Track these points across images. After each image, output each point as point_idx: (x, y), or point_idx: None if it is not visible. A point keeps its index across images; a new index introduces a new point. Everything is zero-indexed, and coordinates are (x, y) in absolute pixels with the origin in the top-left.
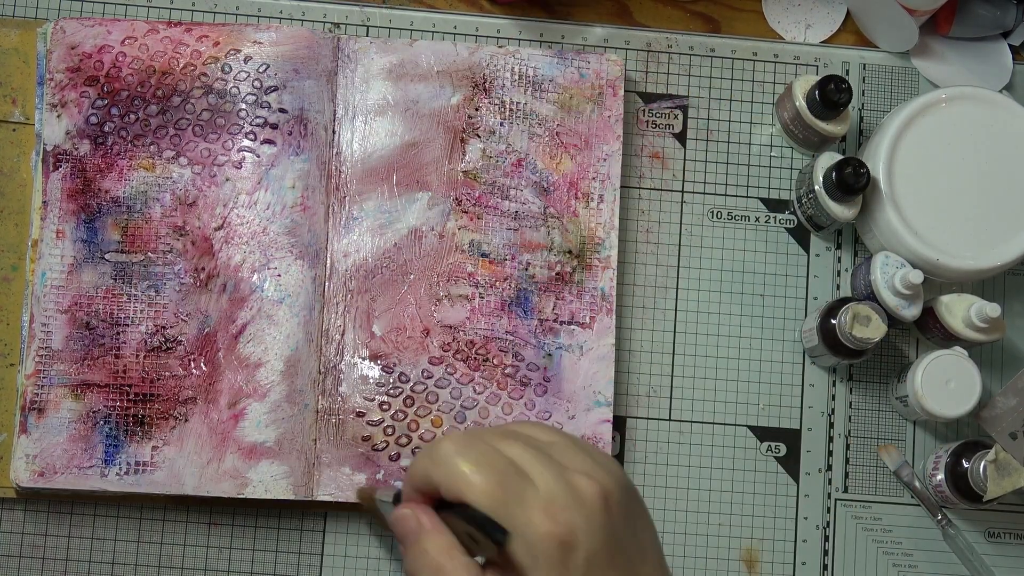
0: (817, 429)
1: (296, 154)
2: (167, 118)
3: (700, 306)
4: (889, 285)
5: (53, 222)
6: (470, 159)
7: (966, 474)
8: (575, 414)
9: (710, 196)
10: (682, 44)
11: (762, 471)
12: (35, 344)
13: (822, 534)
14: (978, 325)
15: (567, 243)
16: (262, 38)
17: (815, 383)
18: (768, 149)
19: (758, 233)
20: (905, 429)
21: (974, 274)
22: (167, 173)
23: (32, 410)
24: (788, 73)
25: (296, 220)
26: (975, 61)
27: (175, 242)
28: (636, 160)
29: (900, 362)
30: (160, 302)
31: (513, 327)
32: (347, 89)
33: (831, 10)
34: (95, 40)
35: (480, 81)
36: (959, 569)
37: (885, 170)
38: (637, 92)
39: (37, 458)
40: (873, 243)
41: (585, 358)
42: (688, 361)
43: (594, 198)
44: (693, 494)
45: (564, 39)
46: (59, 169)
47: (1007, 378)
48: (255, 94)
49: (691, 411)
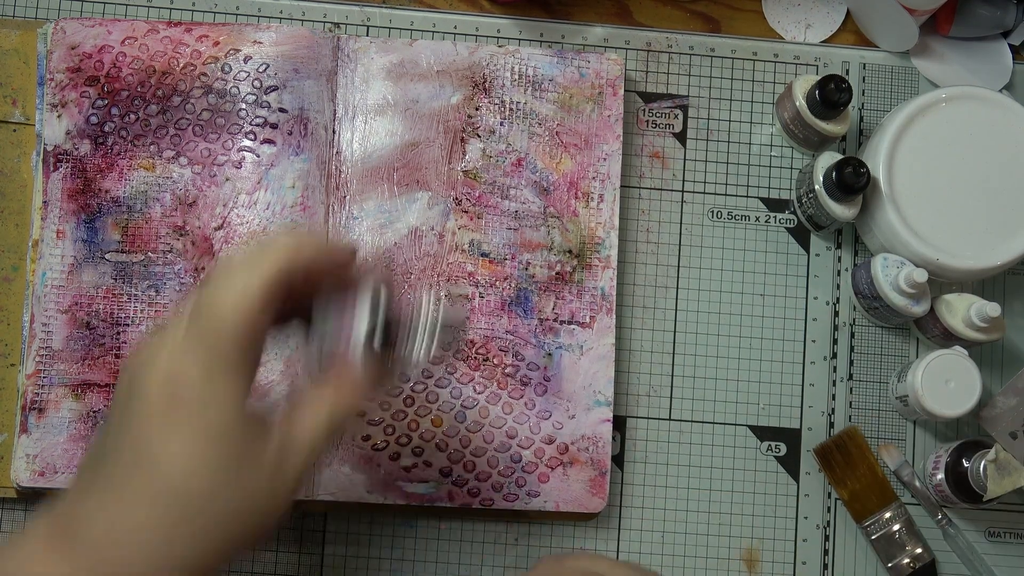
0: (817, 429)
1: (296, 154)
2: (167, 118)
3: (700, 306)
4: (894, 285)
5: (53, 222)
6: (470, 159)
7: (966, 474)
8: (575, 414)
9: (710, 196)
10: (682, 44)
11: (762, 471)
12: (35, 344)
13: (822, 534)
14: (978, 325)
15: (567, 243)
16: (262, 38)
17: (815, 383)
18: (768, 149)
19: (758, 233)
20: (905, 429)
21: (974, 274)
22: (167, 173)
23: (32, 410)
24: (788, 73)
25: (296, 220)
26: (975, 61)
27: (175, 242)
28: (636, 160)
29: (900, 362)
30: (160, 302)
31: (513, 327)
32: (347, 89)
33: (831, 10)
34: (95, 40)
35: (480, 81)
36: (959, 569)
37: (885, 170)
38: (637, 92)
39: (37, 458)
40: (873, 243)
41: (585, 358)
42: (688, 361)
43: (594, 198)
44: (693, 494)
45: (564, 39)
46: (59, 169)
47: (1007, 378)
48: (255, 94)
49: (691, 411)
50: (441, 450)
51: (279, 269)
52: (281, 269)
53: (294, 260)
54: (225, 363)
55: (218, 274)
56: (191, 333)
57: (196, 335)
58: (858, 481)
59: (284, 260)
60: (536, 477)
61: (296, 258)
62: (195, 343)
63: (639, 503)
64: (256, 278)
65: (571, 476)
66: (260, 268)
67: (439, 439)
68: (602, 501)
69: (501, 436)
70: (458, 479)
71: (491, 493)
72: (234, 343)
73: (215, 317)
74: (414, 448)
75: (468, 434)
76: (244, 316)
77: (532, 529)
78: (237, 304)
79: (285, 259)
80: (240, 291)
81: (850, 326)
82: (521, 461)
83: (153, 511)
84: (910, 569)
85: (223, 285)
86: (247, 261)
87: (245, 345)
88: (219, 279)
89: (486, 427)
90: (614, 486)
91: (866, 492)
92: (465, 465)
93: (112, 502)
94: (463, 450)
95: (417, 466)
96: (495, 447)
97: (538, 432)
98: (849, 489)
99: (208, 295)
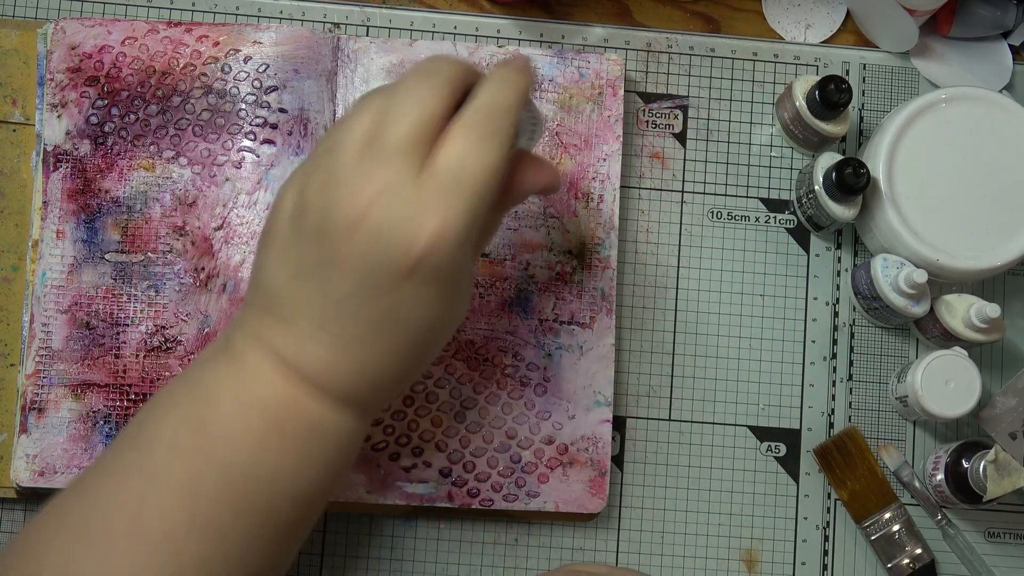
0: (817, 429)
1: (296, 154)
2: (167, 118)
3: (700, 306)
4: (894, 286)
5: (53, 222)
6: None
7: (966, 474)
8: (575, 414)
9: (710, 196)
10: (682, 44)
11: (762, 471)
12: (35, 344)
13: (822, 534)
14: (978, 325)
15: (567, 243)
16: (262, 38)
17: (815, 383)
18: (768, 149)
19: (758, 233)
20: (905, 429)
21: (974, 274)
22: (167, 173)
23: (32, 410)
24: (788, 73)
25: None
26: (975, 61)
27: (175, 242)
28: (636, 160)
29: (900, 362)
30: (160, 302)
31: (513, 327)
32: (347, 89)
33: (831, 10)
34: (95, 40)
35: None
36: (959, 569)
37: (885, 170)
38: (637, 92)
39: (37, 458)
40: (873, 243)
41: (585, 358)
42: (688, 361)
43: (594, 198)
44: (693, 494)
45: (564, 39)
46: (59, 169)
47: (1007, 378)
48: (255, 94)
49: (691, 411)
50: (441, 450)
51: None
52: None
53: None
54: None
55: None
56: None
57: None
58: (858, 482)
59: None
60: (536, 477)
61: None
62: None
63: (639, 503)
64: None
65: (571, 476)
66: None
67: (439, 439)
68: (602, 502)
69: (501, 436)
70: (458, 479)
71: (491, 493)
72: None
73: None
74: (413, 448)
75: (468, 434)
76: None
77: (532, 529)
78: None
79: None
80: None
81: (850, 326)
82: (521, 461)
83: (400, 363)
84: (910, 569)
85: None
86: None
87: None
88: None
89: (486, 427)
90: (614, 487)
91: (866, 493)
92: (465, 465)
93: (368, 356)
94: (463, 450)
95: (416, 466)
96: (495, 447)
97: (538, 432)
98: (849, 490)
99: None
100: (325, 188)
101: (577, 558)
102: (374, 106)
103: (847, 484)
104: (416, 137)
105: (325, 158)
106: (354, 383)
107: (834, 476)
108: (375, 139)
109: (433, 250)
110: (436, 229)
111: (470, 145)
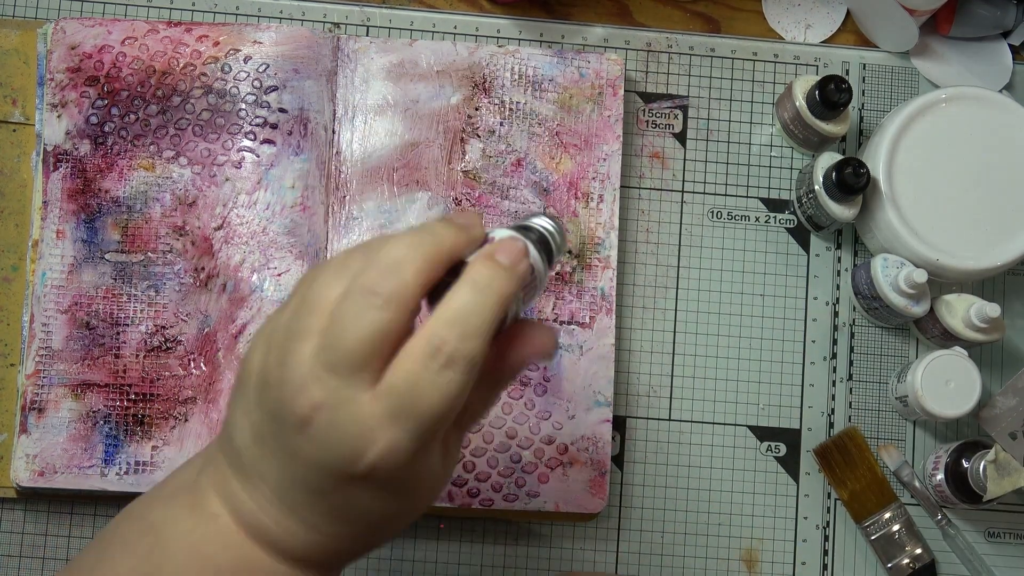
0: (817, 429)
1: (296, 154)
2: (167, 118)
3: (700, 306)
4: (893, 285)
5: (53, 222)
6: (470, 159)
7: (966, 474)
8: (575, 414)
9: (710, 196)
10: (682, 44)
11: (762, 471)
12: (35, 344)
13: (822, 534)
14: (978, 325)
15: (567, 243)
16: (262, 38)
17: (815, 383)
18: (768, 149)
19: (758, 233)
20: (905, 429)
21: (974, 274)
22: (167, 173)
23: (32, 410)
24: (788, 73)
25: (296, 220)
26: (975, 61)
27: (175, 242)
28: (636, 160)
29: (900, 362)
30: (160, 302)
31: None
32: (347, 89)
33: (831, 10)
34: (95, 40)
35: (480, 81)
36: (959, 569)
37: (885, 170)
38: (637, 92)
39: (37, 458)
40: (873, 243)
41: (585, 358)
42: (688, 361)
43: (594, 198)
44: (693, 494)
45: (564, 39)
46: (59, 169)
47: (1007, 378)
48: (255, 94)
49: (691, 411)
50: None
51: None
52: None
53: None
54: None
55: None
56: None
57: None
58: (858, 481)
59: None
60: (536, 477)
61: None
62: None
63: (639, 503)
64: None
65: (571, 476)
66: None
67: None
68: (602, 501)
69: (501, 436)
70: (457, 479)
71: (491, 493)
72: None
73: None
74: None
75: (467, 434)
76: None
77: (532, 529)
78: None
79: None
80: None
81: (850, 326)
82: (521, 461)
83: (359, 543)
84: (910, 569)
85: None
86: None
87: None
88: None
89: (485, 427)
90: (614, 486)
91: (866, 492)
92: (464, 465)
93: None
94: (462, 450)
95: None
96: (495, 447)
97: (538, 432)
98: (849, 489)
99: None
100: (281, 370)
101: (577, 558)
102: (347, 272)
103: (847, 484)
104: (371, 349)
105: (293, 321)
106: (312, 550)
107: (834, 476)
108: (330, 341)
109: (383, 464)
110: (384, 450)
111: (428, 374)
